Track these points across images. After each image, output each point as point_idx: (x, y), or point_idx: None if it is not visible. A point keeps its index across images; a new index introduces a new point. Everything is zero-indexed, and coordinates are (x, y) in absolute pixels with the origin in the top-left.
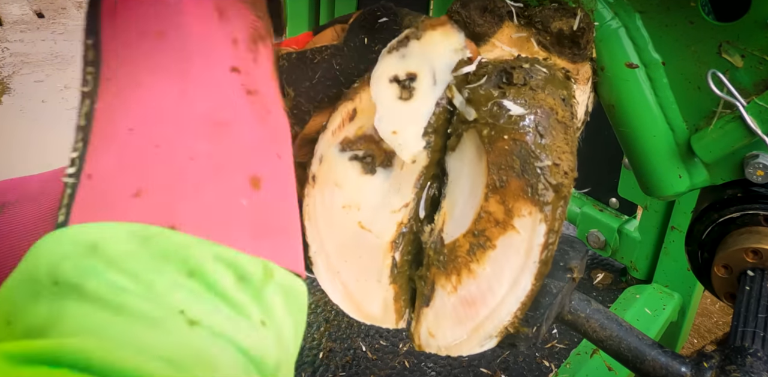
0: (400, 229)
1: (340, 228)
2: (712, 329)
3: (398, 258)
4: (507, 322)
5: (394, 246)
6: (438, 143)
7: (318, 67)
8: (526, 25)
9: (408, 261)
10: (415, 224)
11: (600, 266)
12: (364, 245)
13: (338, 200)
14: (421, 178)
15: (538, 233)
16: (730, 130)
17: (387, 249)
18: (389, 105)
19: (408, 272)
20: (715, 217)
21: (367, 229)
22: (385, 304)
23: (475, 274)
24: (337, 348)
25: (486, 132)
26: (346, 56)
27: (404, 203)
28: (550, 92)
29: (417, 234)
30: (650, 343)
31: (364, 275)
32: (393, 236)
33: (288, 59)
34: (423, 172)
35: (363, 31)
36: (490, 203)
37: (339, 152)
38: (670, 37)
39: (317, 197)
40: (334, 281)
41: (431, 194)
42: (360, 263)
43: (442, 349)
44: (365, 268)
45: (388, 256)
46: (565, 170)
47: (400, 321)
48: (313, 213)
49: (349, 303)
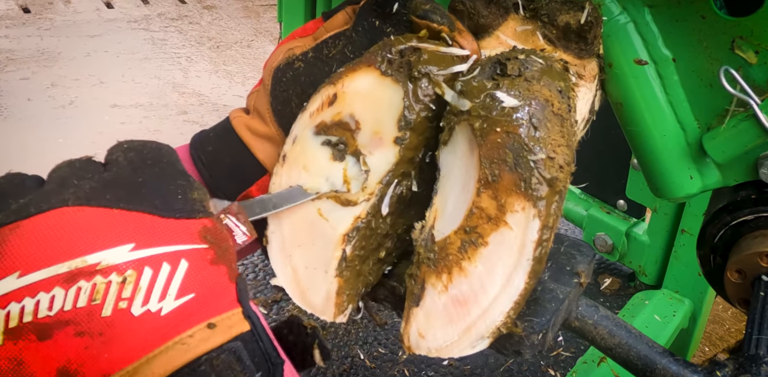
0: (356, 223)
1: (300, 212)
2: (724, 336)
3: (349, 252)
4: (499, 322)
5: (346, 239)
6: (413, 141)
7: (333, 60)
8: (531, 17)
9: (360, 256)
10: (374, 220)
11: (607, 271)
12: (320, 233)
13: (303, 183)
14: (388, 174)
15: (531, 230)
16: (743, 129)
17: (339, 241)
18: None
19: (359, 267)
20: (728, 219)
21: (325, 218)
22: (327, 296)
23: (466, 272)
24: (334, 356)
25: (478, 125)
26: (357, 42)
27: (365, 198)
28: (546, 84)
29: (375, 230)
30: (661, 351)
31: (313, 262)
32: (347, 229)
33: (304, 60)
34: (392, 168)
35: (374, 13)
36: (482, 198)
37: (313, 135)
38: (680, 32)
39: (284, 177)
40: (285, 264)
41: (399, 192)
42: (312, 250)
43: (432, 351)
44: (316, 256)
45: (339, 248)
46: (561, 163)
47: (338, 316)
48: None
49: (295, 288)
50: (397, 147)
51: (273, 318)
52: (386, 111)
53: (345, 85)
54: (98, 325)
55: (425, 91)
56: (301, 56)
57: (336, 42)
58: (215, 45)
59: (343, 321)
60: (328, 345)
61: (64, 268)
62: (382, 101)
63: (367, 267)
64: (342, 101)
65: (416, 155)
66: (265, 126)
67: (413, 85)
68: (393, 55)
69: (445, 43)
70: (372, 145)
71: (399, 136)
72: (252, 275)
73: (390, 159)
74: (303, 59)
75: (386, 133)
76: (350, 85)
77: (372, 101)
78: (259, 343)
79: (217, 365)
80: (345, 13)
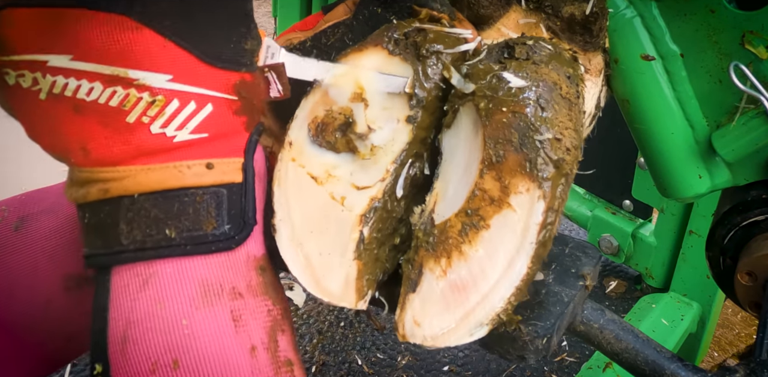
0: (372, 203)
1: (310, 197)
2: (733, 341)
3: (366, 234)
4: (499, 309)
5: (363, 220)
6: (425, 120)
7: (332, 48)
8: (535, 9)
9: (377, 239)
10: (390, 202)
11: (613, 273)
12: (333, 217)
13: (312, 168)
14: (402, 153)
15: (535, 212)
16: (754, 126)
17: (356, 223)
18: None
19: (376, 251)
20: (738, 220)
21: (338, 200)
22: (346, 281)
23: (466, 256)
24: (331, 362)
25: (483, 104)
26: (357, 30)
27: (380, 178)
28: (555, 68)
29: (390, 213)
30: (669, 356)
31: (328, 248)
32: (364, 209)
33: (302, 48)
34: (405, 148)
35: (376, 2)
36: (485, 179)
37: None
38: (689, 26)
39: (290, 163)
40: (296, 252)
41: (412, 174)
42: (326, 235)
43: (428, 339)
44: (331, 241)
45: (356, 230)
46: (568, 146)
47: (359, 302)
48: (284, 179)
49: (308, 276)
50: (410, 126)
51: None
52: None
53: (351, 63)
54: (120, 125)
55: (435, 70)
56: (299, 45)
57: (335, 31)
58: None
59: (363, 308)
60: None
61: (108, 70)
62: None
63: (383, 253)
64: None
65: (428, 136)
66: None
67: (422, 64)
68: (399, 36)
69: (446, 27)
70: (382, 120)
71: (411, 114)
72: None
73: (403, 138)
74: (301, 48)
75: (397, 110)
76: (357, 64)
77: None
78: (242, 199)
79: (199, 202)
80: (345, 5)
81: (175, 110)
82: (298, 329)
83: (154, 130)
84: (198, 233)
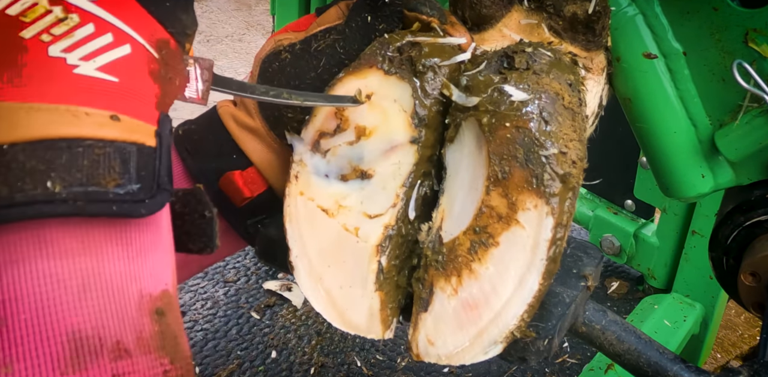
0: (386, 232)
1: (324, 231)
2: (737, 343)
3: (385, 263)
4: (513, 326)
5: (380, 250)
6: (429, 139)
7: (322, 54)
8: (536, 8)
9: (396, 266)
10: (404, 227)
11: (615, 274)
12: (349, 249)
13: (321, 200)
14: (410, 176)
15: (544, 228)
16: (757, 125)
17: (372, 253)
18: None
19: (396, 278)
20: (742, 220)
21: (352, 232)
22: (370, 313)
23: (477, 274)
24: (330, 364)
25: (486, 120)
26: (349, 38)
27: (391, 204)
28: (556, 77)
29: (406, 237)
30: (672, 358)
31: (348, 281)
32: (379, 239)
33: (291, 51)
34: (413, 170)
35: (367, 8)
36: (491, 196)
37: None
38: (691, 24)
39: (299, 197)
40: (317, 287)
41: (422, 194)
42: (344, 268)
43: (442, 358)
44: (349, 274)
45: (373, 261)
46: (573, 159)
47: (386, 332)
48: (295, 214)
49: (332, 311)
50: (414, 146)
51: (266, 323)
52: (397, 111)
53: (347, 88)
54: (10, 39)
55: (433, 84)
56: (288, 47)
57: (326, 36)
58: (205, 39)
59: (390, 337)
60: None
61: None
62: (390, 100)
63: (403, 278)
64: (347, 111)
65: (434, 153)
66: (250, 118)
67: (419, 80)
68: (392, 52)
69: (439, 35)
70: (386, 150)
71: (414, 135)
72: (244, 280)
73: (409, 160)
74: (290, 51)
75: (400, 134)
76: (353, 88)
77: (379, 102)
78: (155, 162)
79: (97, 154)
80: (338, 8)
81: (87, 36)
82: (297, 330)
83: (53, 52)
84: (94, 188)
